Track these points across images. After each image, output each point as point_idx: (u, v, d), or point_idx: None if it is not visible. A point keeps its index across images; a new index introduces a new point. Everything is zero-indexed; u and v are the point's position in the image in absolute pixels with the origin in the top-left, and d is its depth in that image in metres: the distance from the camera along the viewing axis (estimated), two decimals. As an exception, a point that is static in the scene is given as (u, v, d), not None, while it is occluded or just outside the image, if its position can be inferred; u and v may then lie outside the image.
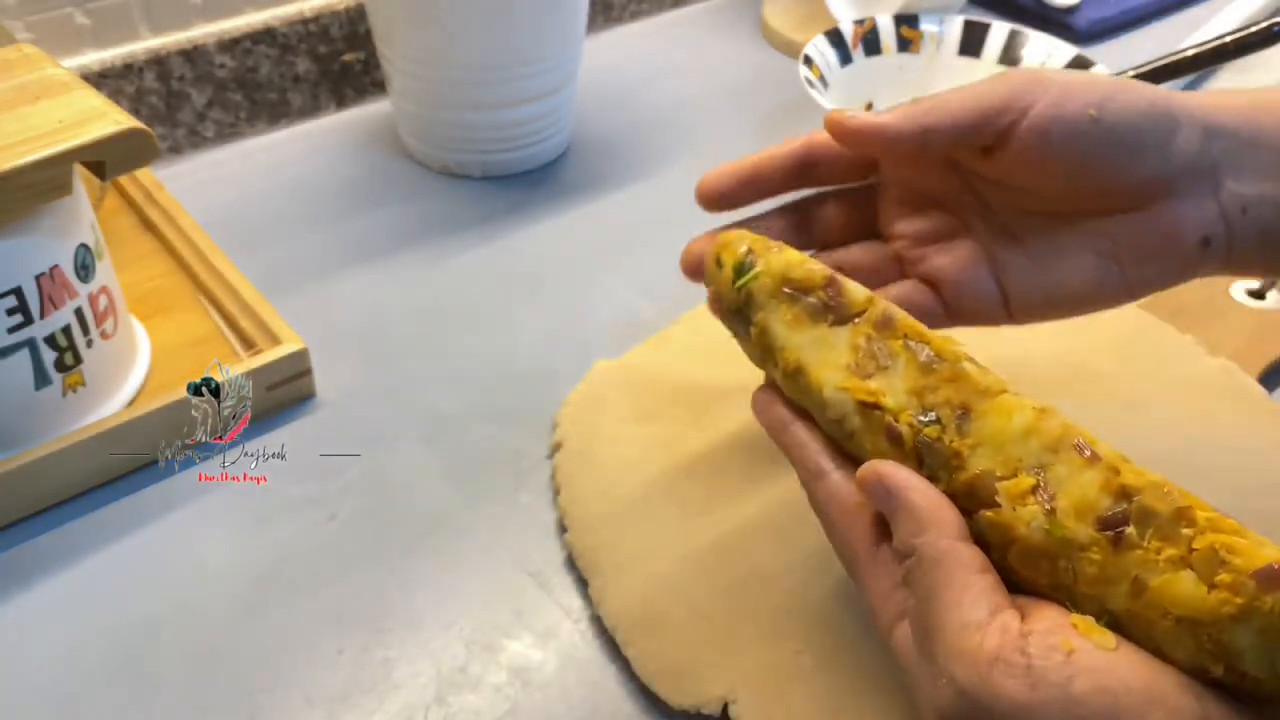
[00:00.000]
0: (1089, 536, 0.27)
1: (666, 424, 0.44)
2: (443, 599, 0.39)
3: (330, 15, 0.66)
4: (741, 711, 0.34)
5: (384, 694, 0.36)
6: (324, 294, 0.53)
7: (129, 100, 0.61)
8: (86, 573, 0.40)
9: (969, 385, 0.30)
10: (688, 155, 0.65)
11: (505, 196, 0.61)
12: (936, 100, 0.34)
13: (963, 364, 0.30)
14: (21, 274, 0.39)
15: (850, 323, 0.32)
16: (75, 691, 0.36)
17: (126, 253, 0.53)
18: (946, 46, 0.65)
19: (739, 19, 0.82)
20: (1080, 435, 0.28)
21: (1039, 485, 0.28)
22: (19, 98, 0.40)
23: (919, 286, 0.37)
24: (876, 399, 0.30)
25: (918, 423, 0.29)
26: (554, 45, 0.59)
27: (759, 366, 0.34)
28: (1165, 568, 0.26)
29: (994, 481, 0.28)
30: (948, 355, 0.30)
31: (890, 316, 0.31)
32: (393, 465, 0.45)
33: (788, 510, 0.41)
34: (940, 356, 0.30)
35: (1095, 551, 0.27)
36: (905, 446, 0.29)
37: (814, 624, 0.37)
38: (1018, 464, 0.28)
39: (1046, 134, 0.33)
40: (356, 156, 0.65)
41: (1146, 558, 0.26)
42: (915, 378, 0.30)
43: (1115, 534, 0.26)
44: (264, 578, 0.40)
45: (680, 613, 0.37)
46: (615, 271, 0.56)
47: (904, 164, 0.38)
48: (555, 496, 0.43)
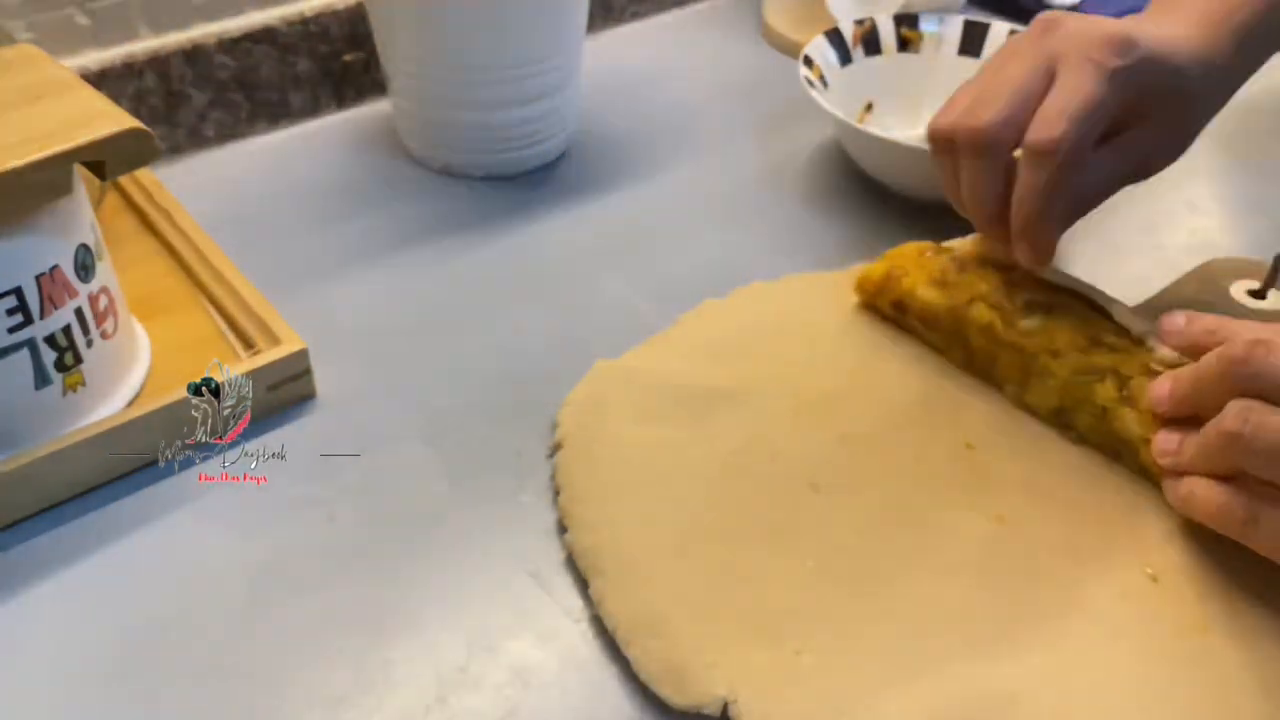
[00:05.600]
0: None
1: (667, 424, 0.44)
2: (443, 599, 0.39)
3: (330, 15, 0.66)
4: (741, 711, 0.34)
5: (384, 694, 0.36)
6: (324, 294, 0.53)
7: (129, 100, 0.61)
8: (86, 573, 0.40)
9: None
10: (688, 155, 0.65)
11: (505, 196, 0.61)
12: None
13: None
14: (21, 274, 0.39)
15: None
16: (75, 691, 0.36)
17: (126, 253, 0.53)
18: (946, 46, 0.65)
19: (739, 19, 0.82)
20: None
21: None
22: (19, 98, 0.40)
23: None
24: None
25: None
26: (554, 45, 0.59)
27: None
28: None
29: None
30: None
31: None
32: (393, 465, 0.45)
33: (788, 510, 0.41)
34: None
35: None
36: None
37: (814, 624, 0.37)
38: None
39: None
40: (356, 156, 0.65)
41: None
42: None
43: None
44: (264, 578, 0.40)
45: (680, 613, 0.37)
46: (615, 271, 0.56)
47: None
48: (555, 496, 0.43)
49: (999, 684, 0.35)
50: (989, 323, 0.45)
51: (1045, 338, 0.44)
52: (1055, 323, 0.44)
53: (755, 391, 0.46)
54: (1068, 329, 0.44)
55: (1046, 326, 0.44)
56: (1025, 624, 0.37)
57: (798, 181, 0.63)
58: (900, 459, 0.43)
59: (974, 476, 0.42)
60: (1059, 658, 0.36)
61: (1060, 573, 0.38)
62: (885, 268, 0.49)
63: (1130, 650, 0.36)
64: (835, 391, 0.46)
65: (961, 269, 0.47)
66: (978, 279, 0.46)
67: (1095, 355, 0.43)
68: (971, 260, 0.47)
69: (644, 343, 0.49)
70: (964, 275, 0.47)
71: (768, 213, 0.60)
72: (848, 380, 0.47)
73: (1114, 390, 0.42)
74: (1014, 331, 0.45)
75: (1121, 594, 0.38)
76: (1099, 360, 0.42)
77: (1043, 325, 0.44)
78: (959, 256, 0.48)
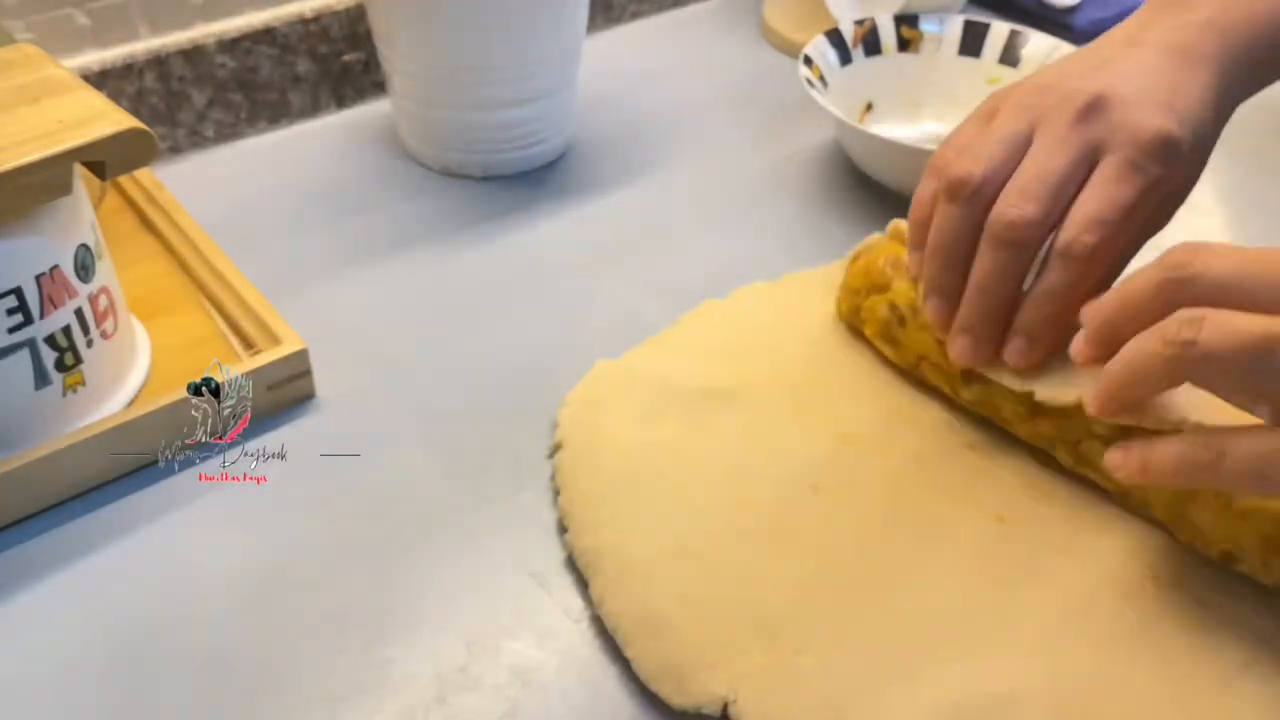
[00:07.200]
0: None
1: (667, 424, 0.44)
2: (443, 599, 0.39)
3: (330, 15, 0.66)
4: (741, 711, 0.34)
5: (384, 694, 0.36)
6: (324, 294, 0.53)
7: (129, 100, 0.61)
8: (86, 573, 0.40)
9: None
10: (688, 155, 0.65)
11: (505, 196, 0.61)
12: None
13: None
14: (21, 274, 0.39)
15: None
16: (75, 692, 0.36)
17: (126, 253, 0.53)
18: (946, 46, 0.65)
19: (739, 19, 0.82)
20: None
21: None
22: (19, 98, 0.40)
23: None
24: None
25: None
26: (554, 45, 0.59)
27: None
28: None
29: None
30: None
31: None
32: (393, 465, 0.45)
33: (788, 510, 0.41)
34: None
35: None
36: None
37: (814, 624, 0.37)
38: None
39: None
40: (356, 156, 0.65)
41: None
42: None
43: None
44: (264, 578, 0.40)
45: (680, 613, 0.37)
46: (615, 271, 0.56)
47: None
48: (555, 497, 0.43)
49: (998, 684, 0.35)
50: (939, 385, 0.45)
51: (990, 407, 0.43)
52: (993, 388, 0.42)
53: (755, 392, 0.46)
54: (1008, 397, 0.42)
55: (988, 393, 0.43)
56: (1025, 624, 0.37)
57: (798, 181, 0.63)
58: (900, 459, 0.43)
59: (974, 476, 0.42)
60: (1059, 658, 0.36)
61: (1060, 573, 0.38)
62: (849, 307, 0.48)
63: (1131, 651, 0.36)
64: (835, 392, 0.46)
65: (901, 323, 0.45)
66: (920, 331, 0.44)
67: (1039, 424, 0.42)
68: (912, 309, 0.45)
69: (644, 343, 0.49)
70: (906, 330, 0.45)
71: (768, 213, 0.60)
72: (848, 380, 0.47)
73: (1069, 457, 0.41)
74: (962, 398, 0.44)
75: (1122, 594, 0.38)
76: (1044, 430, 0.42)
77: (984, 393, 0.43)
78: (900, 307, 0.45)
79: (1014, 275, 0.40)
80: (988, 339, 0.41)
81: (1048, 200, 0.39)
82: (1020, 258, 0.39)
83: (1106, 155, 0.39)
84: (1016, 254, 0.39)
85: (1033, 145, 0.40)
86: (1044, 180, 0.39)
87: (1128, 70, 0.41)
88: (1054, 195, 0.39)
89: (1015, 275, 0.40)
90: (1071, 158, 0.39)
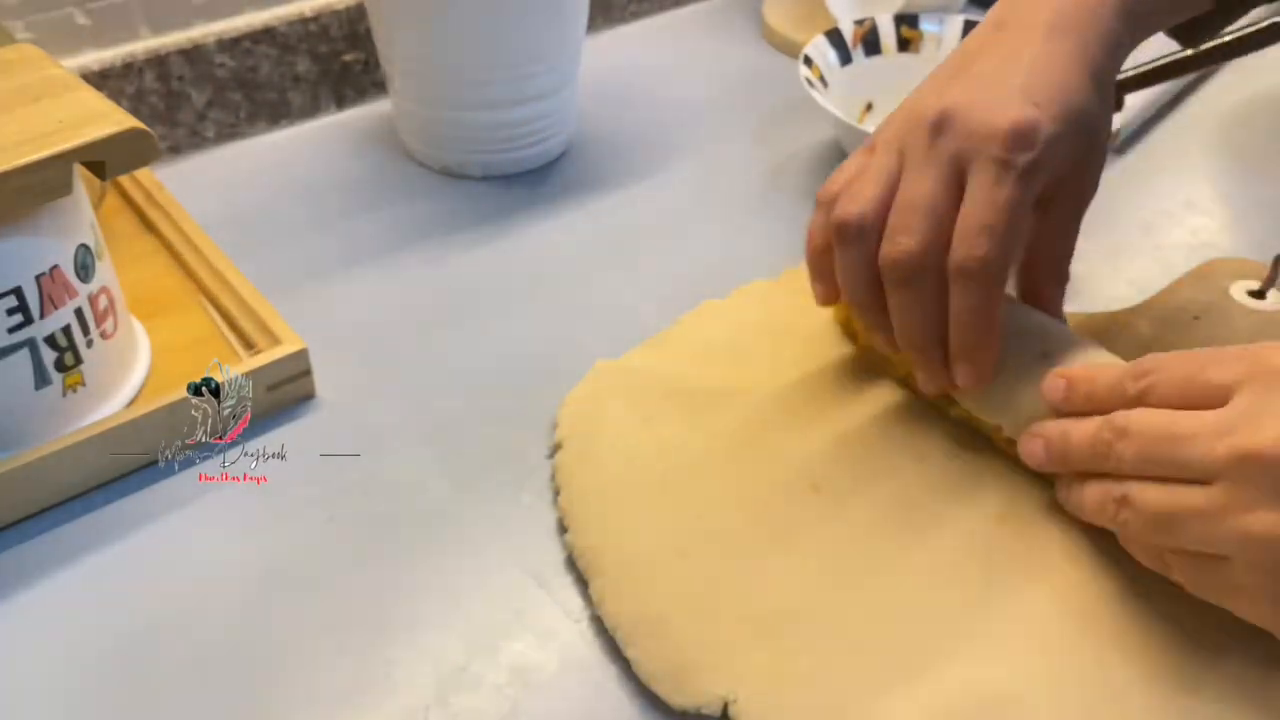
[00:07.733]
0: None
1: (666, 424, 0.44)
2: (443, 599, 0.39)
3: (330, 15, 0.66)
4: (741, 711, 0.34)
5: (384, 694, 0.36)
6: (324, 294, 0.53)
7: (129, 100, 0.61)
8: (86, 573, 0.40)
9: None
10: (688, 155, 0.65)
11: (505, 196, 0.61)
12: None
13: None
14: (21, 274, 0.39)
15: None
16: (75, 691, 0.36)
17: (126, 253, 0.53)
18: (946, 46, 0.65)
19: (739, 19, 0.82)
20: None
21: None
22: (19, 98, 0.40)
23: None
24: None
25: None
26: (554, 45, 0.59)
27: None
28: None
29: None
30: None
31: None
32: (393, 465, 0.45)
33: (788, 510, 0.41)
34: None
35: None
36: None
37: (814, 624, 0.37)
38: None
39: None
40: (356, 156, 0.65)
41: None
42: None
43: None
44: (264, 578, 0.40)
45: (680, 613, 0.37)
46: (615, 271, 0.56)
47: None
48: (556, 497, 0.43)
49: (998, 685, 0.35)
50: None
51: (976, 422, 0.43)
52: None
53: (755, 391, 0.46)
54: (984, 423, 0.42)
55: (969, 414, 0.43)
56: (1025, 625, 0.37)
57: (798, 181, 0.63)
58: (900, 459, 0.43)
59: (974, 476, 0.42)
60: (1059, 659, 0.36)
61: (1060, 573, 0.38)
62: (844, 317, 0.48)
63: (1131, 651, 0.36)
64: (835, 391, 0.46)
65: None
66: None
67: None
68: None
69: (644, 343, 0.49)
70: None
71: (768, 213, 0.60)
72: (848, 380, 0.47)
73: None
74: (950, 416, 0.44)
75: (1122, 594, 0.38)
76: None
77: (966, 413, 0.43)
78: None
79: (926, 306, 0.40)
80: (938, 367, 0.41)
81: (925, 228, 0.38)
82: (922, 288, 0.39)
83: (971, 164, 0.38)
84: (917, 287, 0.39)
85: (901, 176, 0.40)
86: (916, 208, 0.39)
87: (982, 69, 0.40)
88: (929, 220, 0.38)
89: (927, 305, 0.40)
90: (936, 178, 0.39)
